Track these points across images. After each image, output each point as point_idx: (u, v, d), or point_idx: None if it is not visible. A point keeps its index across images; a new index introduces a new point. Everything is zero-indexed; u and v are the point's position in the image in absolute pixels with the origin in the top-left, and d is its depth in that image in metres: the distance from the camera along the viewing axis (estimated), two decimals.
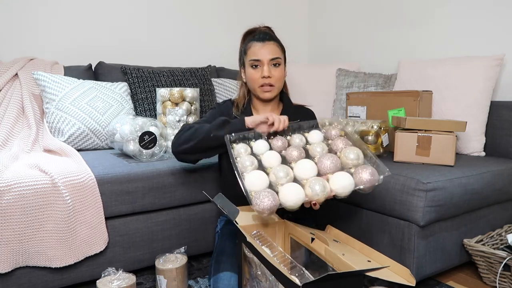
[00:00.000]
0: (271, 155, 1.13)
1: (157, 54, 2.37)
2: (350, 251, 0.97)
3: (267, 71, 1.33)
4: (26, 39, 2.00)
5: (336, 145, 1.17)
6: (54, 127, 1.70)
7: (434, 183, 1.31)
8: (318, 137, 1.22)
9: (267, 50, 1.33)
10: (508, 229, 1.57)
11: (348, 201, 1.54)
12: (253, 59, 1.34)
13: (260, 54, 1.33)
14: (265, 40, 1.35)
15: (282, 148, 1.19)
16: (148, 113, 1.95)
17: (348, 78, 2.23)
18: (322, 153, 1.14)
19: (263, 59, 1.33)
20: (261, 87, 1.35)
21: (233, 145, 1.18)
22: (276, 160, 1.12)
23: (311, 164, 1.08)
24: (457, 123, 1.50)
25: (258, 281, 0.97)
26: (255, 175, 1.04)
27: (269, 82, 1.34)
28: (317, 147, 1.16)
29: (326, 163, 1.07)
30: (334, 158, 1.08)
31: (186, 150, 1.29)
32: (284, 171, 1.05)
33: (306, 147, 1.19)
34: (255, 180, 1.03)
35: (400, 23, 2.31)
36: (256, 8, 2.70)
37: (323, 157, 1.09)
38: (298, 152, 1.14)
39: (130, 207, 1.42)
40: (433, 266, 1.40)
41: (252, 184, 1.03)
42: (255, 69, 1.35)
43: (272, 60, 1.34)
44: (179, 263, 1.31)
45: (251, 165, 1.09)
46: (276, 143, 1.19)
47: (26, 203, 1.20)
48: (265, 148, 1.17)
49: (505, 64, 1.85)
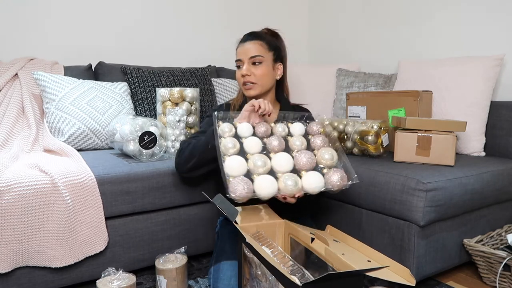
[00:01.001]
0: (253, 142, 1.18)
1: (157, 54, 2.37)
2: (350, 251, 0.97)
3: (245, 69, 1.37)
4: (26, 39, 2.00)
5: (315, 143, 1.24)
6: (54, 127, 1.70)
7: (434, 183, 1.31)
8: (300, 130, 1.27)
9: (246, 49, 1.38)
10: (508, 229, 1.57)
11: (348, 201, 1.54)
12: (236, 60, 1.41)
13: (240, 53, 1.39)
14: (247, 40, 1.39)
15: (264, 134, 1.23)
16: (148, 113, 1.95)
17: (348, 78, 2.23)
18: (300, 147, 1.21)
19: (243, 59, 1.38)
20: (243, 85, 1.40)
21: (219, 123, 1.22)
22: (257, 147, 1.18)
23: (288, 158, 1.16)
24: (457, 123, 1.50)
25: (258, 281, 0.97)
26: (235, 160, 1.11)
27: (249, 80, 1.37)
28: (296, 140, 1.23)
29: (302, 159, 1.15)
30: (311, 156, 1.16)
31: (191, 168, 1.34)
32: (262, 161, 1.12)
33: (287, 138, 1.25)
34: (234, 165, 1.10)
35: (400, 23, 2.31)
36: (256, 8, 2.70)
37: (300, 153, 1.17)
38: (278, 142, 1.19)
39: (130, 207, 1.42)
40: (433, 266, 1.40)
41: (231, 168, 1.09)
42: (239, 69, 1.40)
43: (252, 58, 1.37)
44: (179, 263, 1.31)
45: (233, 148, 1.15)
46: (259, 128, 1.23)
47: (26, 203, 1.20)
48: (249, 132, 1.22)
49: (505, 64, 1.85)
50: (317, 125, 1.29)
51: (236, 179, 1.07)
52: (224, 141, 1.16)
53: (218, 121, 1.22)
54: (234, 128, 1.21)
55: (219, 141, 1.17)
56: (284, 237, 1.18)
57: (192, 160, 1.33)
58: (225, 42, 2.56)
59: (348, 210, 1.55)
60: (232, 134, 1.20)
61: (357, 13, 2.56)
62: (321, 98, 2.30)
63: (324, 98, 2.30)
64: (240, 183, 1.05)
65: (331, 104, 2.29)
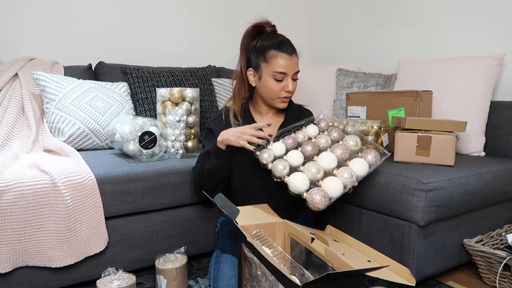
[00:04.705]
0: (295, 155, 1.24)
1: (157, 54, 2.37)
2: (350, 251, 0.97)
3: (292, 86, 1.32)
4: (26, 39, 2.00)
5: (333, 136, 1.32)
6: (54, 127, 1.70)
7: (434, 183, 1.31)
8: (315, 131, 1.35)
9: (294, 64, 1.32)
10: (508, 229, 1.57)
11: (348, 201, 1.54)
12: (279, 72, 1.29)
13: (288, 68, 1.30)
14: (293, 53, 1.32)
15: (293, 146, 1.29)
16: (148, 113, 1.95)
17: (348, 78, 2.23)
18: (327, 144, 1.30)
19: (289, 73, 1.31)
20: (280, 98, 1.34)
21: (257, 153, 1.25)
22: (300, 158, 1.24)
23: (330, 155, 1.23)
24: (457, 123, 1.50)
25: (258, 281, 0.97)
26: (296, 177, 1.16)
27: (290, 95, 1.35)
28: (321, 139, 1.31)
29: (338, 152, 1.24)
30: (344, 146, 1.25)
31: (208, 191, 1.33)
32: (315, 167, 1.19)
33: (313, 140, 1.32)
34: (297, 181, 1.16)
35: (400, 23, 2.31)
36: (257, 8, 2.70)
37: (333, 148, 1.26)
38: (311, 146, 1.26)
39: (130, 207, 1.42)
40: (433, 266, 1.40)
41: (298, 186, 1.15)
42: (278, 81, 1.32)
43: (295, 74, 1.34)
44: (179, 263, 1.31)
45: (284, 169, 1.20)
46: (288, 141, 1.29)
47: (26, 203, 1.20)
48: (283, 149, 1.27)
49: (505, 64, 1.85)
50: (324, 121, 1.37)
51: (309, 193, 1.12)
52: (274, 166, 1.20)
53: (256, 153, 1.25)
54: (271, 152, 1.25)
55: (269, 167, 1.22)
56: (284, 237, 1.18)
57: (203, 186, 1.37)
58: (225, 42, 2.56)
59: (348, 210, 1.55)
60: (273, 158, 1.24)
61: (357, 13, 2.56)
62: (321, 98, 2.30)
63: (324, 98, 2.30)
64: (316, 195, 1.10)
65: (331, 104, 2.29)
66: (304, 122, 1.37)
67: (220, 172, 1.32)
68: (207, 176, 1.34)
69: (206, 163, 1.32)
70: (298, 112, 1.45)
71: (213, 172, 1.32)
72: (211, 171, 1.32)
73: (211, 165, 1.31)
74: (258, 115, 1.42)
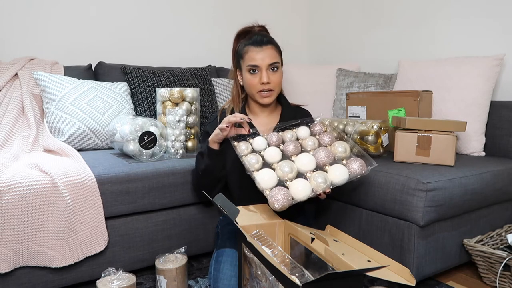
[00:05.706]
0: (273, 151, 1.22)
1: (157, 54, 2.37)
2: (350, 251, 0.97)
3: (266, 77, 1.31)
4: (26, 39, 2.00)
5: (323, 140, 1.28)
6: (54, 127, 1.70)
7: (434, 183, 1.31)
8: (306, 133, 1.32)
9: (265, 55, 1.31)
10: (508, 229, 1.57)
11: (348, 201, 1.54)
12: (251, 65, 1.32)
13: (258, 59, 1.31)
14: (263, 44, 1.32)
15: (277, 144, 1.27)
16: (148, 113, 1.95)
17: (348, 78, 2.23)
18: (313, 146, 1.26)
19: (261, 65, 1.31)
20: (259, 92, 1.34)
21: (235, 143, 1.25)
22: (278, 155, 1.22)
23: (310, 157, 1.19)
24: (457, 123, 1.50)
25: (258, 281, 0.97)
26: (264, 173, 1.14)
27: (268, 88, 1.33)
28: (308, 141, 1.27)
29: (321, 155, 1.19)
30: (328, 151, 1.20)
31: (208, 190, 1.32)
32: (289, 167, 1.15)
33: (298, 142, 1.28)
34: (265, 177, 1.13)
35: (400, 23, 2.31)
36: (256, 8, 2.70)
37: (317, 151, 1.21)
38: (294, 146, 1.23)
39: (130, 207, 1.42)
40: (433, 266, 1.40)
41: (264, 182, 1.12)
42: (253, 75, 1.33)
43: (271, 65, 1.32)
44: (179, 263, 1.31)
45: (257, 162, 1.19)
46: (271, 139, 1.27)
47: (26, 203, 1.20)
48: (264, 144, 1.26)
49: (505, 64, 1.85)
50: (319, 125, 1.33)
51: (272, 191, 1.09)
52: (246, 159, 1.19)
53: (233, 142, 1.25)
54: (250, 145, 1.25)
55: (242, 160, 1.20)
56: (284, 237, 1.18)
57: (201, 186, 1.39)
58: (225, 42, 2.56)
59: (348, 210, 1.55)
60: (250, 151, 1.24)
61: (357, 13, 2.56)
62: (321, 98, 2.30)
63: (324, 98, 2.30)
64: (279, 193, 1.07)
65: (331, 104, 2.29)
66: (299, 122, 1.35)
67: (213, 171, 1.35)
68: (202, 176, 1.37)
69: (200, 163, 1.36)
70: (295, 112, 1.45)
71: (207, 172, 1.35)
72: (205, 171, 1.35)
73: (205, 165, 1.34)
74: (253, 116, 1.43)
